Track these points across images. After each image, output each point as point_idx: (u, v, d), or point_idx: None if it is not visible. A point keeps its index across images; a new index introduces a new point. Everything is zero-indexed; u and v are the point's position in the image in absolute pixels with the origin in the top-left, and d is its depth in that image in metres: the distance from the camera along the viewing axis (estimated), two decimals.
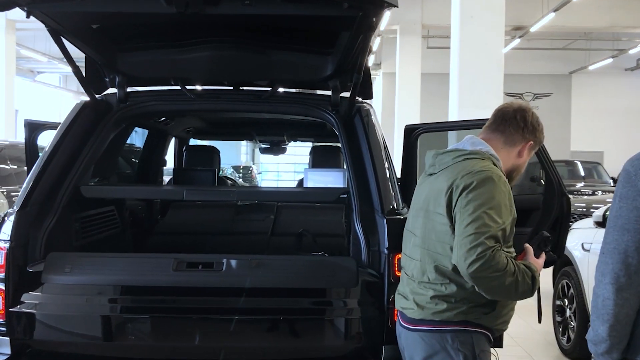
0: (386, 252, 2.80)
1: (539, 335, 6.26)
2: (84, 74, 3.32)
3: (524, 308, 3.93)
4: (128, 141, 4.41)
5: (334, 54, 3.27)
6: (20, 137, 14.52)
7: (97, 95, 3.41)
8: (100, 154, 3.38)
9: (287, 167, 36.24)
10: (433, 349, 2.33)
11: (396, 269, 2.77)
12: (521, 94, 25.95)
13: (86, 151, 3.23)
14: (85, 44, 3.09)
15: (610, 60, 23.00)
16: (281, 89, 3.59)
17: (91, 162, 3.29)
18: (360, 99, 3.45)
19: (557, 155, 17.99)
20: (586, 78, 26.08)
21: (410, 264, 2.49)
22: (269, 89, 3.52)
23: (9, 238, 2.82)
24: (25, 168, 8.43)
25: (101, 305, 2.83)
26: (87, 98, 3.36)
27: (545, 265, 2.55)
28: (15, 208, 2.92)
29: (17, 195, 6.35)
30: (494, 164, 2.39)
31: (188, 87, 3.48)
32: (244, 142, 34.55)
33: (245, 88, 3.63)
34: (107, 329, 2.83)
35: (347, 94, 3.45)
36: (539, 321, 3.08)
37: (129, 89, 3.45)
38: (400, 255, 2.76)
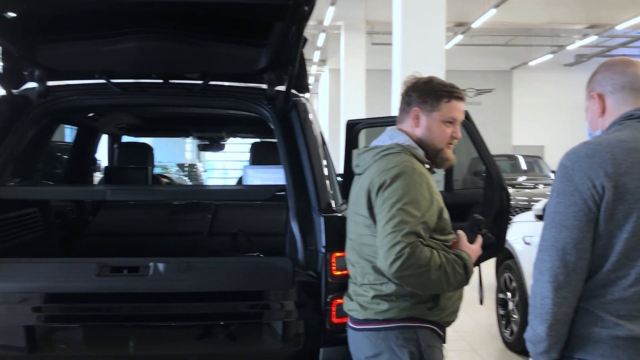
0: (323, 251, 2.70)
1: (483, 329, 6.30)
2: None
3: (467, 301, 3.91)
4: (66, 139, 4.20)
5: (268, 46, 3.15)
6: None
7: (14, 90, 3.19)
8: (20, 153, 3.17)
9: (234, 165, 35.94)
10: (378, 348, 2.30)
11: (334, 268, 2.67)
12: (463, 90, 26.39)
13: (3, 150, 3.02)
14: (0, 35, 2.88)
15: (550, 56, 23.60)
16: (214, 82, 3.43)
17: (8, 161, 3.07)
18: (296, 93, 3.33)
19: (499, 150, 18.33)
20: (527, 74, 26.70)
21: (351, 268, 2.46)
22: (200, 82, 3.37)
23: None
24: None
25: (20, 314, 2.65)
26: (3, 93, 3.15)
27: (485, 249, 2.51)
28: None
29: None
30: (413, 155, 2.36)
31: (114, 81, 3.29)
32: (188, 140, 34.12)
33: (175, 81, 3.47)
34: (27, 338, 2.65)
35: (283, 88, 3.33)
36: (481, 303, 3.06)
37: (49, 83, 3.24)
38: (337, 254, 2.68)
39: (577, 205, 1.83)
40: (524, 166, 17.60)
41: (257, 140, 5.51)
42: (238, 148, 6.14)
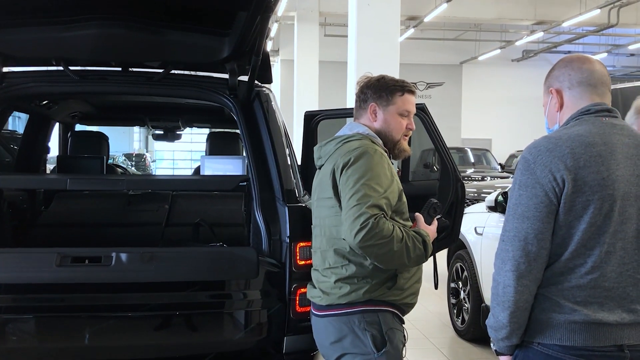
0: (287, 240, 2.71)
1: (435, 317, 6.43)
2: None
3: (421, 291, 3.99)
4: (10, 127, 4.07)
5: (231, 35, 3.12)
6: None
7: None
8: None
9: (183, 155, 35.49)
10: (341, 333, 2.35)
11: (298, 258, 2.69)
12: (414, 83, 26.67)
13: None
14: None
15: (499, 51, 24.10)
16: (175, 71, 3.39)
17: None
18: (259, 83, 3.32)
19: (449, 143, 18.45)
20: (476, 68, 27.19)
21: (315, 256, 2.53)
22: (161, 70, 3.32)
23: None
24: None
25: None
26: None
27: (439, 232, 2.61)
28: None
29: None
30: (373, 142, 2.47)
31: (72, 68, 3.21)
32: (136, 129, 33.52)
33: (135, 70, 3.41)
34: None
35: (245, 78, 3.32)
36: (436, 287, 3.15)
37: (4, 69, 3.14)
38: (301, 244, 2.70)
39: (539, 197, 1.90)
40: (472, 159, 17.95)
41: (214, 130, 5.47)
42: (187, 138, 6.05)
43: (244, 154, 5.02)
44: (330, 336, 2.39)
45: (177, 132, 5.87)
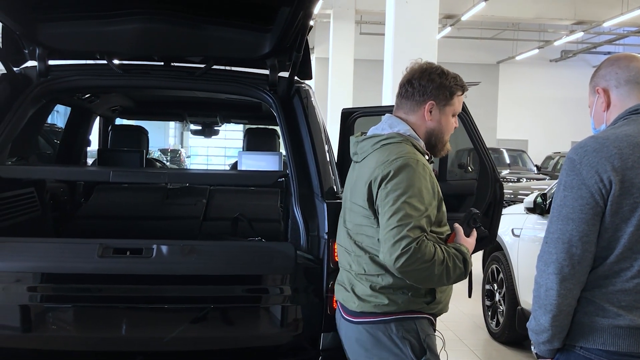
0: (326, 237, 2.70)
1: (468, 319, 6.37)
2: (0, 44, 3.06)
3: (454, 293, 3.96)
4: (48, 121, 4.14)
5: (272, 31, 3.13)
6: None
7: (15, 68, 3.15)
8: (19, 132, 3.13)
9: (217, 151, 35.80)
10: (378, 341, 2.28)
11: (336, 254, 2.68)
12: None
13: (2, 128, 2.98)
14: (1, 11, 2.83)
15: (536, 51, 23.73)
16: (215, 67, 3.41)
17: (8, 140, 3.03)
18: (298, 79, 3.33)
19: (487, 143, 18.37)
20: (513, 68, 26.84)
21: (346, 256, 2.41)
22: (202, 65, 3.35)
23: None
24: None
25: (20, 293, 2.62)
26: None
27: (478, 242, 2.50)
28: None
29: None
30: (413, 145, 2.31)
31: (115, 62, 3.26)
32: (172, 124, 33.90)
33: (177, 64, 3.44)
34: (26, 319, 2.63)
35: (285, 74, 3.33)
36: (469, 295, 3.09)
37: (50, 62, 3.20)
38: None
39: (584, 198, 1.86)
40: (507, 160, 17.74)
41: (251, 126, 5.49)
42: (222, 135, 6.11)
43: (281, 150, 5.06)
44: (365, 343, 2.30)
45: (215, 128, 5.91)
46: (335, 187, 2.92)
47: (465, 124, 3.85)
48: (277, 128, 5.16)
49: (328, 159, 3.01)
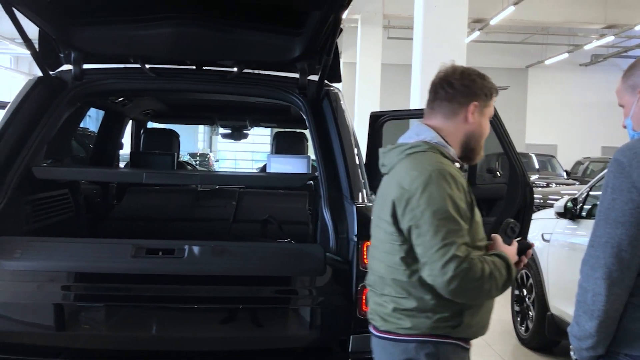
0: (355, 239, 2.71)
1: (497, 325, 6.31)
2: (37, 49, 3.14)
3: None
4: (80, 125, 4.22)
5: (303, 35, 3.16)
6: None
7: (51, 72, 3.22)
8: (54, 134, 3.20)
9: (244, 155, 36.00)
10: (398, 358, 2.17)
11: (365, 257, 2.69)
12: None
13: (39, 130, 3.05)
14: (38, 16, 2.90)
15: (566, 55, 23.47)
16: (247, 70, 3.46)
17: (44, 142, 3.10)
18: (328, 82, 3.35)
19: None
20: (542, 72, 26.55)
21: (370, 275, 2.30)
22: (233, 69, 3.39)
23: None
24: None
25: (54, 292, 2.67)
26: None
27: (520, 253, 2.32)
28: None
29: None
30: (441, 153, 2.17)
31: (148, 66, 3.31)
32: (201, 129, 34.19)
33: (208, 68, 3.49)
34: (60, 317, 2.67)
35: (314, 77, 3.35)
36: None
37: (85, 66, 3.27)
38: (369, 243, 2.67)
39: (635, 202, 1.81)
40: (536, 165, 17.54)
41: (280, 130, 5.53)
42: (249, 139, 6.13)
43: (309, 153, 5.08)
44: (389, 357, 2.20)
45: (244, 132, 5.97)
46: (364, 190, 2.92)
47: (496, 128, 3.84)
48: (306, 131, 5.20)
49: (357, 162, 3.02)
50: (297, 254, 2.81)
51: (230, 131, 5.98)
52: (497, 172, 9.96)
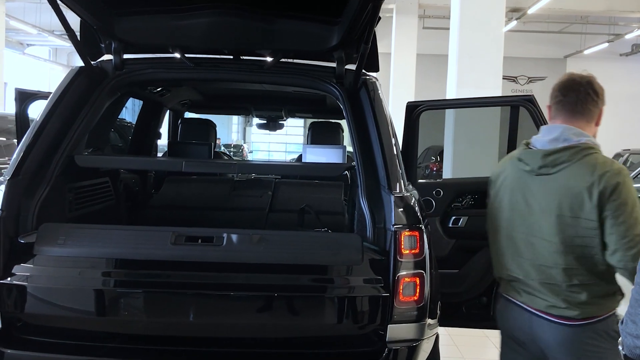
0: (392, 229, 2.70)
1: None
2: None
3: None
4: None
5: (340, 23, 3.14)
6: (9, 110, 14.30)
7: (92, 62, 3.27)
8: (95, 124, 3.25)
9: (278, 147, 36.15)
10: (593, 339, 2.45)
11: (402, 247, 2.68)
12: (515, 77, 25.92)
13: (80, 119, 3.09)
14: (80, 6, 2.94)
15: (606, 45, 22.99)
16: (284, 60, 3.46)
17: (85, 130, 3.15)
18: (365, 72, 3.33)
19: None
20: (581, 62, 26.02)
21: (545, 271, 2.52)
22: (269, 59, 3.39)
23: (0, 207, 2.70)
24: (15, 141, 8.34)
25: (96, 278, 2.71)
26: None
27: None
28: (6, 177, 2.79)
29: (6, 168, 6.24)
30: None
31: (187, 55, 3.34)
32: (235, 120, 34.44)
33: (245, 57, 3.50)
34: (101, 303, 2.72)
35: (351, 66, 3.34)
36: None
37: (125, 56, 3.31)
38: (407, 233, 2.67)
39: None
40: None
41: (315, 120, 5.54)
42: (282, 130, 6.16)
43: (345, 143, 5.08)
44: (578, 344, 2.46)
45: (280, 122, 5.98)
46: (402, 180, 2.91)
47: (533, 117, 3.79)
48: (341, 122, 5.20)
49: (395, 152, 3.00)
50: (335, 243, 2.80)
51: (265, 121, 6.00)
52: None
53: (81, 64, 3.24)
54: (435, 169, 14.15)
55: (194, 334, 2.77)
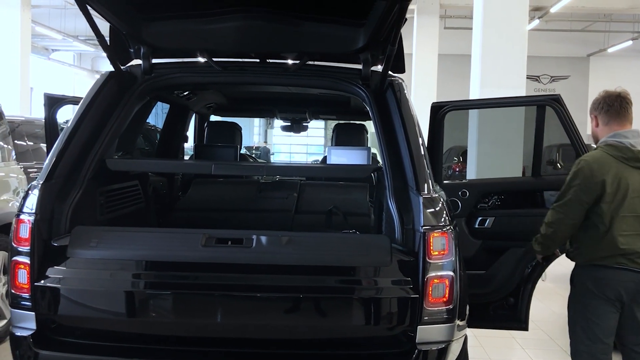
0: (422, 230, 2.70)
1: (560, 318, 6.20)
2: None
3: (542, 292, 3.90)
4: None
5: (366, 25, 3.15)
6: (35, 114, 14.50)
7: (122, 67, 3.31)
8: (125, 128, 3.30)
9: (299, 149, 36.21)
10: None
11: (431, 248, 2.68)
12: (538, 77, 25.67)
13: (111, 123, 3.14)
14: (110, 12, 2.99)
15: (630, 42, 22.64)
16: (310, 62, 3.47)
17: (116, 135, 3.20)
18: (391, 73, 3.33)
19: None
20: (604, 61, 25.72)
21: None
22: (295, 61, 3.41)
23: (33, 211, 2.74)
24: (42, 145, 8.45)
25: (129, 280, 2.76)
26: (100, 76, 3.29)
27: None
28: (40, 181, 2.84)
29: (33, 172, 6.32)
30: None
31: (215, 60, 3.37)
32: (257, 122, 34.57)
33: (271, 61, 3.53)
34: (133, 304, 2.76)
35: (375, 67, 3.35)
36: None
37: (153, 61, 3.35)
38: (435, 235, 2.68)
39: None
40: None
41: (340, 122, 5.55)
42: (303, 132, 6.18)
43: (369, 144, 5.08)
44: None
45: (304, 124, 6.00)
46: (430, 180, 2.90)
47: (560, 117, 3.77)
48: (365, 123, 5.21)
49: (422, 153, 3.00)
50: (364, 245, 2.81)
51: (289, 123, 6.02)
52: (558, 164, 9.73)
53: (106, 68, 3.28)
54: (457, 169, 14.07)
55: (225, 335, 2.80)
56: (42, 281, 2.70)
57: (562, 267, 4.38)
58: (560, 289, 7.29)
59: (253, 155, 20.25)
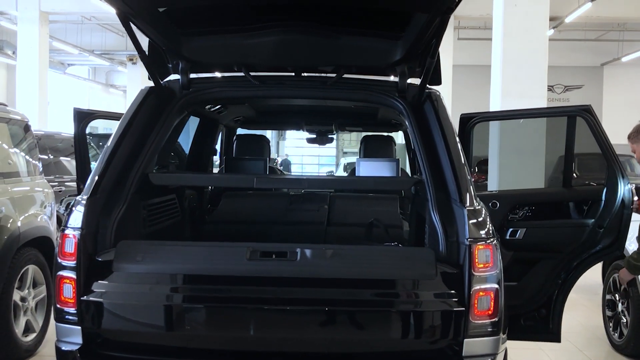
0: (467, 243, 2.69)
1: (586, 330, 6.15)
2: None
3: (567, 303, 3.89)
4: None
5: (404, 38, 3.16)
6: (52, 128, 14.61)
7: (161, 82, 3.34)
8: (164, 142, 3.32)
9: (310, 160, 36.31)
10: None
11: (476, 261, 2.67)
12: (552, 86, 25.58)
13: (152, 138, 3.17)
14: (152, 27, 3.02)
15: None
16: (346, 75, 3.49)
17: (157, 149, 3.22)
18: (428, 85, 3.34)
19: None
20: (619, 70, 25.61)
21: None
22: (331, 75, 3.43)
23: (79, 226, 2.76)
24: (62, 159, 8.49)
25: (175, 294, 2.76)
26: (114, 90, 3.32)
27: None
28: (85, 195, 2.86)
29: (56, 185, 6.35)
30: None
31: (252, 74, 3.40)
32: (269, 134, 34.73)
33: (307, 74, 3.55)
34: (180, 319, 2.75)
35: (412, 80, 3.36)
36: None
37: (191, 76, 3.38)
38: (480, 247, 2.67)
39: None
40: None
41: (368, 134, 5.56)
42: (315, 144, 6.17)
43: (397, 157, 5.09)
44: None
45: (329, 136, 6.01)
46: (472, 192, 2.90)
47: (591, 127, 3.77)
48: (393, 135, 5.22)
49: (463, 163, 3.00)
50: (408, 258, 2.81)
51: (315, 135, 6.03)
52: (574, 174, 9.69)
53: (120, 82, 3.32)
54: (474, 180, 14.04)
55: (269, 349, 2.80)
56: (88, 296, 2.71)
57: (585, 278, 4.36)
58: (584, 299, 7.24)
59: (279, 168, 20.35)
